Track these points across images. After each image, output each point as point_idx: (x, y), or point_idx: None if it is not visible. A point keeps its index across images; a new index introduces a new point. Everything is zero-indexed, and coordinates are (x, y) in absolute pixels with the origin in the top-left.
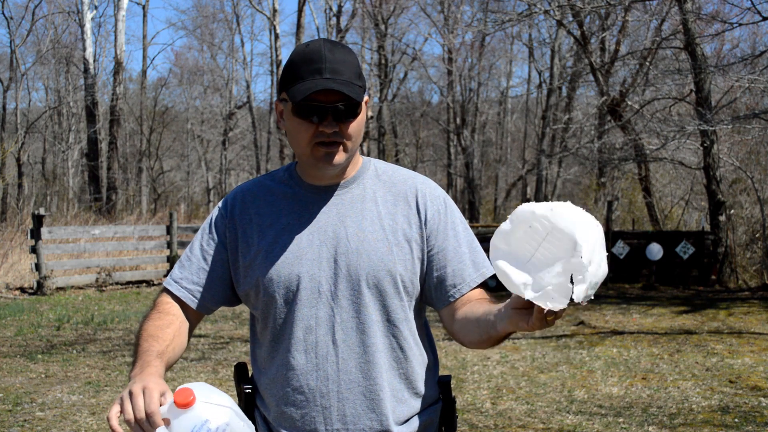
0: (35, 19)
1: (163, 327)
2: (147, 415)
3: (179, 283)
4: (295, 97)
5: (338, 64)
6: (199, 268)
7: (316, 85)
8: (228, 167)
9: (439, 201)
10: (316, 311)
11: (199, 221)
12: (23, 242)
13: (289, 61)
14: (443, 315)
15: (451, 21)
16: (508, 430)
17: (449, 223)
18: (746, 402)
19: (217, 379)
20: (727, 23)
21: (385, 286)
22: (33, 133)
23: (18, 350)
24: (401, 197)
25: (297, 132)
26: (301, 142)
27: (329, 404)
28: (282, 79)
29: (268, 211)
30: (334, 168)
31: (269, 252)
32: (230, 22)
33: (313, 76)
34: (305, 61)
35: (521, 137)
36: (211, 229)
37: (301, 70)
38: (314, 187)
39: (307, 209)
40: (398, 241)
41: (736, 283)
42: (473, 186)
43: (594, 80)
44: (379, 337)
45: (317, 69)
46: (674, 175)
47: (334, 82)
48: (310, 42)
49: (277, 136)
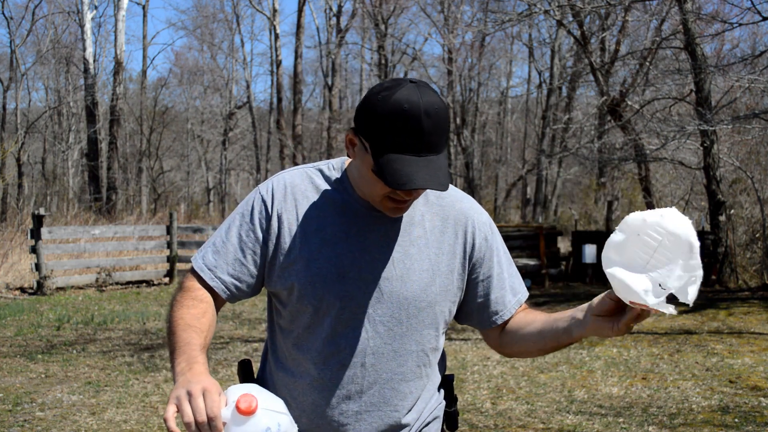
0: (35, 19)
1: (199, 316)
2: (209, 419)
3: (213, 271)
4: (387, 181)
5: (435, 136)
6: (235, 259)
7: (411, 176)
8: (228, 167)
9: (486, 228)
10: (351, 332)
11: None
12: (23, 242)
13: (380, 113)
14: (485, 335)
15: (451, 21)
16: (508, 430)
17: (494, 251)
18: (746, 402)
19: (218, 379)
20: (727, 23)
21: (423, 318)
22: (33, 133)
23: (18, 350)
24: (450, 224)
25: (368, 182)
26: (370, 191)
27: (346, 422)
28: (370, 127)
29: (314, 214)
30: (397, 217)
31: (311, 261)
32: (230, 22)
33: (408, 153)
34: (402, 130)
35: (521, 137)
36: (252, 218)
37: (395, 138)
38: (365, 202)
39: (355, 223)
40: (442, 271)
41: (736, 283)
42: (473, 186)
43: (594, 80)
44: (409, 366)
45: (415, 148)
46: (674, 175)
47: (428, 168)
48: (406, 99)
49: (277, 136)
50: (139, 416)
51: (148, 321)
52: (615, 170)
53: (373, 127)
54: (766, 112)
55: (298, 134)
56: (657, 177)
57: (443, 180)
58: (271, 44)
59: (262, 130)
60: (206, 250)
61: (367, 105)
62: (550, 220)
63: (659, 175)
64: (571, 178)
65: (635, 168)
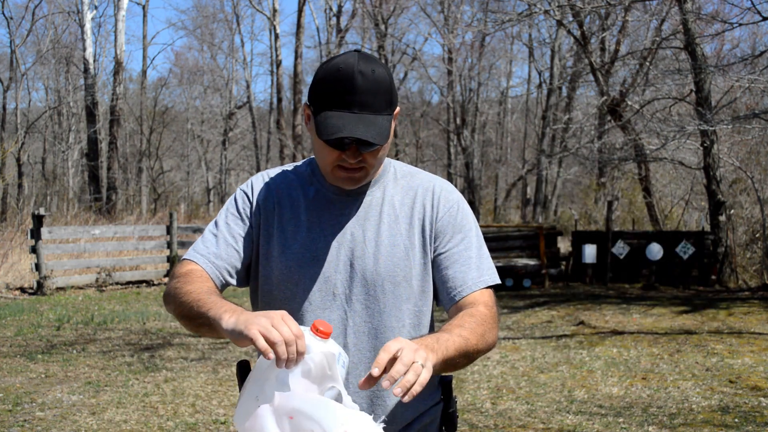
0: (35, 19)
1: (212, 291)
2: (296, 338)
3: (205, 257)
4: (321, 134)
5: (368, 95)
6: (227, 245)
7: (342, 127)
8: (228, 167)
9: (452, 202)
10: (330, 313)
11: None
12: (23, 242)
13: (319, 77)
14: (449, 315)
15: (451, 21)
16: (508, 430)
17: (461, 227)
18: (746, 402)
19: (217, 379)
20: (727, 23)
21: (400, 293)
22: (33, 133)
23: (18, 350)
24: (419, 200)
25: (320, 151)
26: (322, 160)
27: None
28: (311, 92)
29: (289, 204)
30: (354, 187)
31: (286, 247)
32: (230, 22)
33: (341, 108)
34: (335, 89)
35: (521, 137)
36: (237, 210)
37: (329, 96)
38: (336, 188)
39: (327, 209)
40: (415, 245)
41: (736, 283)
42: (473, 186)
43: (594, 80)
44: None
45: (346, 102)
46: (674, 175)
47: (360, 121)
48: (343, 62)
49: (277, 136)
50: (139, 416)
51: (148, 321)
52: (615, 170)
53: (313, 91)
54: (766, 112)
55: (298, 134)
56: (657, 177)
57: (376, 134)
58: (271, 44)
59: (262, 130)
60: (196, 243)
61: (314, 74)
62: (550, 220)
63: (659, 175)
64: (571, 178)
65: (635, 168)
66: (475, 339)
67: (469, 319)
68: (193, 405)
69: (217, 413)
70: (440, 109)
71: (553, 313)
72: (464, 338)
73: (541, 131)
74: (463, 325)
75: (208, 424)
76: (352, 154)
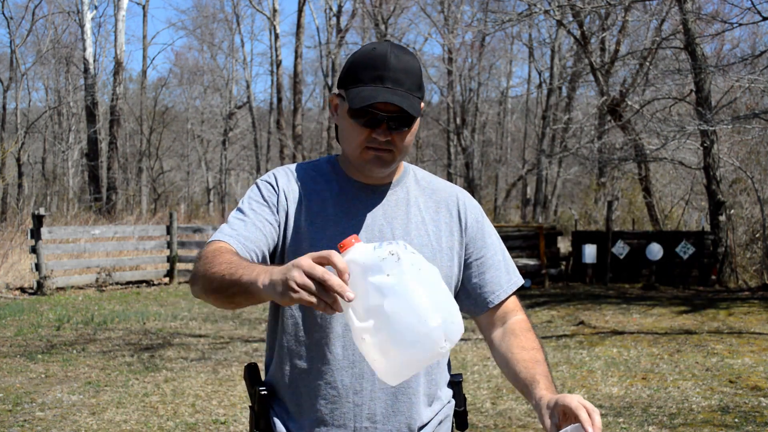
0: (35, 19)
1: (243, 260)
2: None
3: (234, 237)
4: (354, 103)
5: (401, 73)
6: (255, 227)
7: (376, 95)
8: (228, 167)
9: (477, 210)
10: None
11: (199, 221)
12: (23, 242)
13: (352, 60)
14: (480, 322)
15: (451, 21)
16: (508, 430)
17: (486, 233)
18: (746, 402)
19: (217, 379)
20: (727, 23)
21: None
22: (33, 133)
23: (18, 350)
24: (443, 205)
25: (349, 133)
26: (352, 142)
27: (361, 402)
28: (343, 76)
29: (316, 198)
30: (381, 172)
31: (316, 240)
32: (230, 22)
33: (374, 83)
34: (369, 65)
35: (521, 137)
36: (263, 197)
37: (363, 74)
38: (360, 184)
39: (353, 205)
40: (441, 248)
41: (736, 283)
42: (473, 186)
43: (594, 80)
44: None
45: (379, 76)
46: (674, 175)
47: (394, 93)
48: (377, 45)
49: (277, 136)
50: (139, 416)
51: (148, 321)
52: (615, 170)
53: (345, 73)
54: (766, 112)
55: (298, 134)
56: (657, 177)
57: (409, 105)
58: (271, 44)
59: (262, 130)
60: (222, 228)
61: (345, 63)
62: (550, 220)
63: (659, 175)
64: (571, 178)
65: (635, 168)
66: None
67: (532, 337)
68: (193, 405)
69: (217, 413)
70: (440, 109)
71: (553, 313)
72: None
73: (541, 131)
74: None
75: (208, 424)
76: (383, 132)
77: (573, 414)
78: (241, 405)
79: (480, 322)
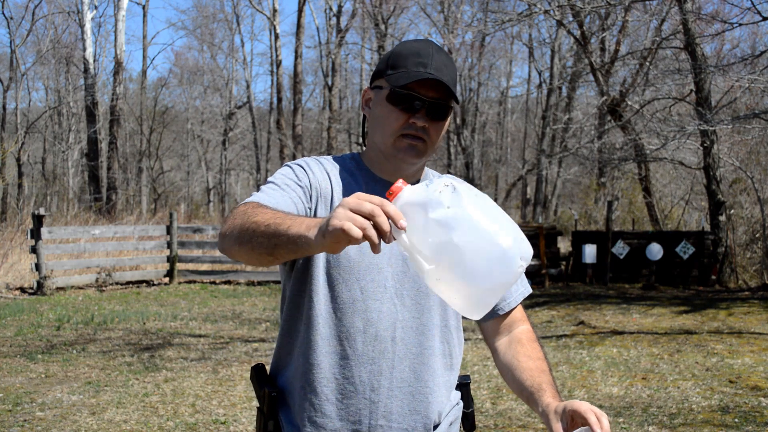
0: (35, 19)
1: (285, 212)
2: (390, 216)
3: (271, 202)
4: (397, 81)
5: (443, 65)
6: (291, 201)
7: (420, 75)
8: (228, 167)
9: None
10: (380, 305)
11: (199, 221)
12: (23, 242)
13: (394, 52)
14: (486, 329)
15: (451, 21)
16: (508, 430)
17: None
18: (746, 402)
19: (217, 379)
20: (727, 23)
21: None
22: (33, 133)
23: (18, 350)
24: None
25: (385, 119)
26: (387, 129)
27: (378, 399)
28: (382, 67)
29: (344, 190)
30: (412, 162)
31: None
32: (230, 22)
33: (417, 68)
34: (412, 54)
35: (521, 137)
36: (296, 176)
37: (406, 61)
38: (385, 181)
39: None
40: None
41: (736, 283)
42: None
43: (594, 80)
44: (436, 341)
45: (423, 63)
46: (674, 175)
47: (435, 74)
48: (417, 40)
49: (277, 136)
50: (139, 416)
51: (148, 321)
52: (615, 170)
53: (387, 63)
54: (766, 112)
55: (298, 134)
56: (657, 177)
57: (452, 92)
58: (271, 44)
59: (262, 130)
60: (255, 194)
61: (382, 57)
62: (550, 220)
63: (659, 175)
64: (571, 178)
65: (635, 168)
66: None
67: (538, 347)
68: (193, 405)
69: (217, 413)
70: None
71: (553, 313)
72: (552, 376)
73: (541, 131)
74: (542, 359)
75: (208, 424)
76: (422, 117)
77: (582, 418)
78: (241, 405)
79: (485, 329)
